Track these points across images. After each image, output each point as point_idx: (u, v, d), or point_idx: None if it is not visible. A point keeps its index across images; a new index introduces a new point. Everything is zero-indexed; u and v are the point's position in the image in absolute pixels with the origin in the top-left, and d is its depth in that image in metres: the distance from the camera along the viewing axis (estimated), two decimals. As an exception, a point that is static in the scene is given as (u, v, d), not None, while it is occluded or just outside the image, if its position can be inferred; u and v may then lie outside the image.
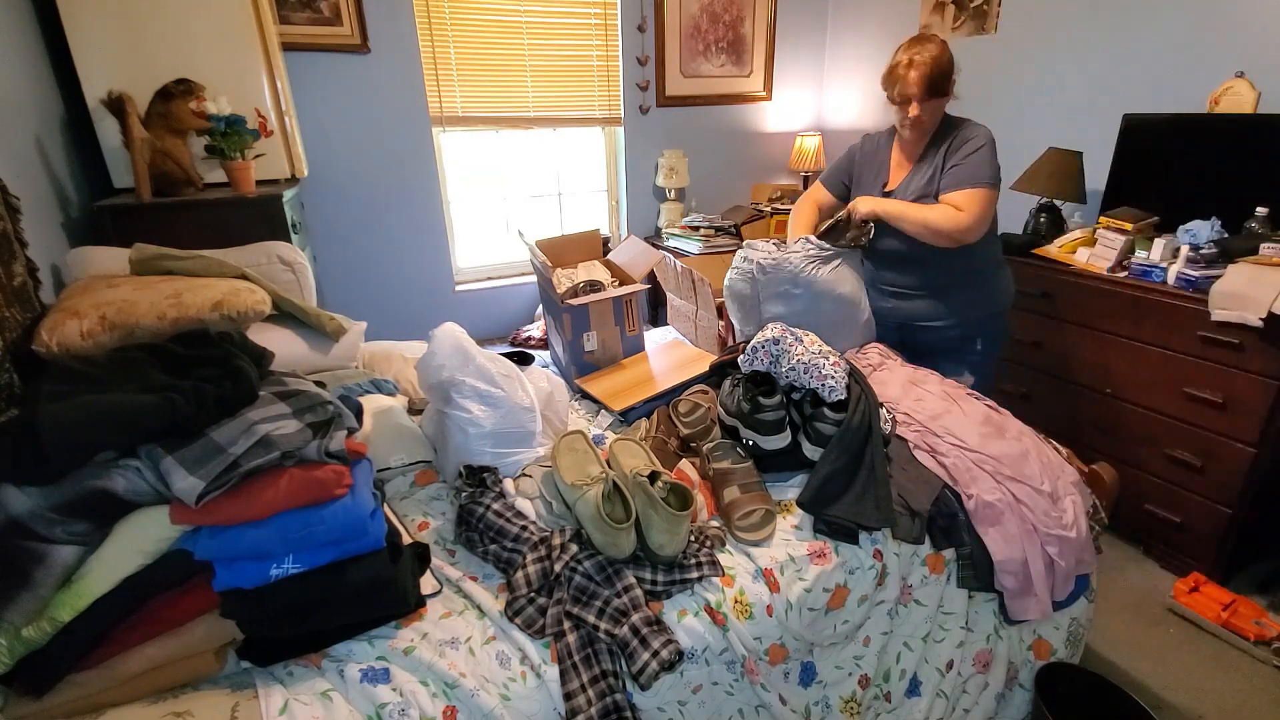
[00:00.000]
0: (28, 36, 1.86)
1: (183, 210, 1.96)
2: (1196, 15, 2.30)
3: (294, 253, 1.89)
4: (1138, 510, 2.18)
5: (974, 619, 1.40)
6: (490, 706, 0.97)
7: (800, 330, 1.48)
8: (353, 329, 1.74)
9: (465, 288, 3.46)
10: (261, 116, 2.15)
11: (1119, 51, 2.53)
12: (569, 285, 1.94)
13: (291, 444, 0.97)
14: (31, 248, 1.44)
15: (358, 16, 2.80)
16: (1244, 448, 1.90)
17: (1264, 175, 2.03)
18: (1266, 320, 1.76)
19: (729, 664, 1.17)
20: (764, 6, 3.66)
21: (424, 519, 1.35)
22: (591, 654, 1.05)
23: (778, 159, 4.01)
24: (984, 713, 1.41)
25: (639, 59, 3.44)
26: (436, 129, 3.15)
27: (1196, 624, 1.92)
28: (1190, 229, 2.01)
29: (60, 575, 0.87)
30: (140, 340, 1.21)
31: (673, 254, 2.60)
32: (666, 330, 2.29)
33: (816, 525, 1.31)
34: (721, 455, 1.40)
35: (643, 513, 1.18)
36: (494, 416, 1.39)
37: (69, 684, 0.90)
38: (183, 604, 0.96)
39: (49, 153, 1.83)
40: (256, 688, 0.95)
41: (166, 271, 1.53)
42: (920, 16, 3.29)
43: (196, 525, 0.94)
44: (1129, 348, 2.13)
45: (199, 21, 2.03)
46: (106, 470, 0.90)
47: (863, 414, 1.36)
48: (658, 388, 1.74)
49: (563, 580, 1.13)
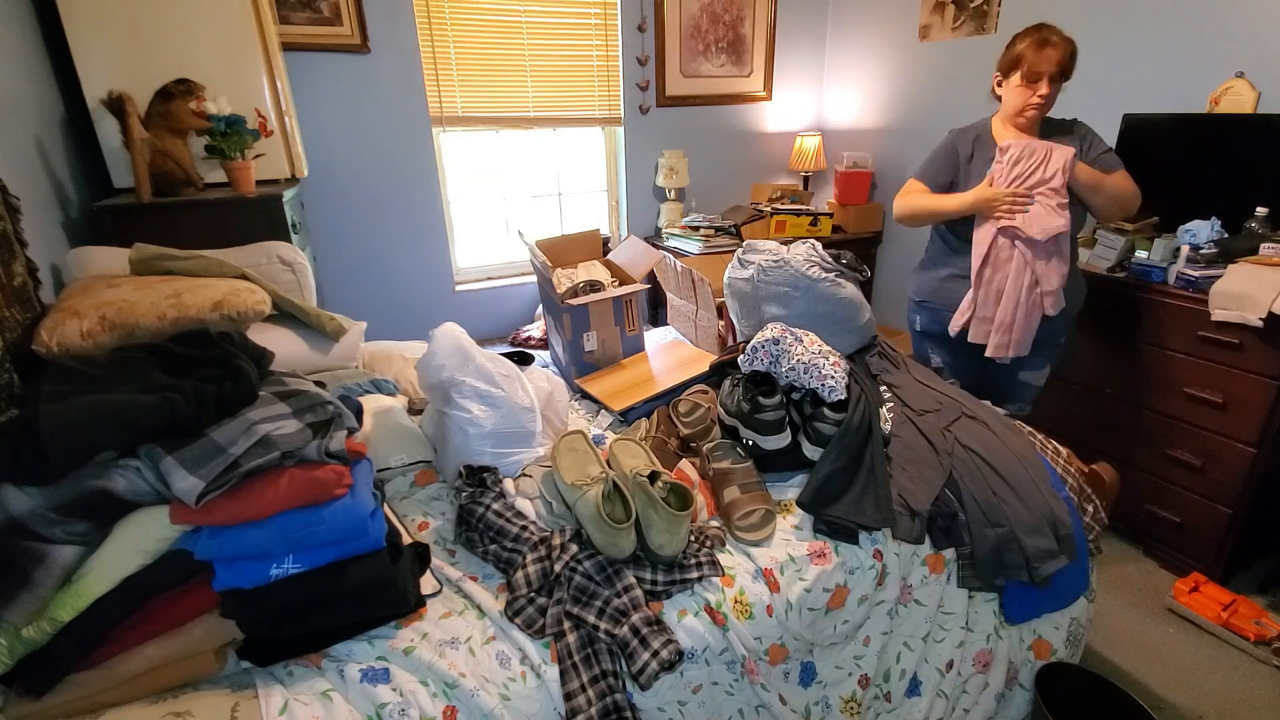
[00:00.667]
0: (28, 36, 1.86)
1: (183, 210, 1.96)
2: (1196, 15, 2.30)
3: (294, 253, 1.89)
4: (1138, 510, 2.18)
5: (974, 619, 1.40)
6: (490, 706, 0.97)
7: (800, 330, 1.48)
8: (353, 329, 1.74)
9: (465, 288, 3.46)
10: (261, 116, 2.15)
11: (1119, 51, 2.52)
12: (569, 285, 1.94)
13: (291, 444, 0.97)
14: (31, 248, 1.44)
15: (358, 16, 2.80)
16: (1244, 448, 1.90)
17: (1264, 175, 2.03)
18: (1266, 320, 1.76)
19: (729, 664, 1.17)
20: (764, 6, 3.65)
21: (424, 519, 1.35)
22: (591, 654, 1.05)
23: (778, 159, 4.01)
24: (984, 713, 1.41)
25: (639, 59, 3.44)
26: (436, 129, 3.15)
27: (1196, 624, 1.92)
28: (1190, 229, 2.01)
29: (60, 575, 0.87)
30: (140, 340, 1.21)
31: (673, 254, 2.60)
32: (666, 330, 2.29)
33: (816, 525, 1.31)
34: (721, 455, 1.40)
35: (643, 513, 1.18)
36: (494, 416, 1.39)
37: (69, 684, 0.89)
38: (183, 604, 0.96)
39: (49, 153, 1.83)
40: (256, 688, 0.95)
41: (166, 271, 1.53)
42: (920, 16, 3.30)
43: (196, 525, 0.94)
44: (1129, 347, 2.13)
45: (199, 21, 2.03)
46: (106, 470, 0.90)
47: (863, 414, 1.36)
48: (658, 388, 1.74)
49: (563, 580, 1.13)
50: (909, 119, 3.50)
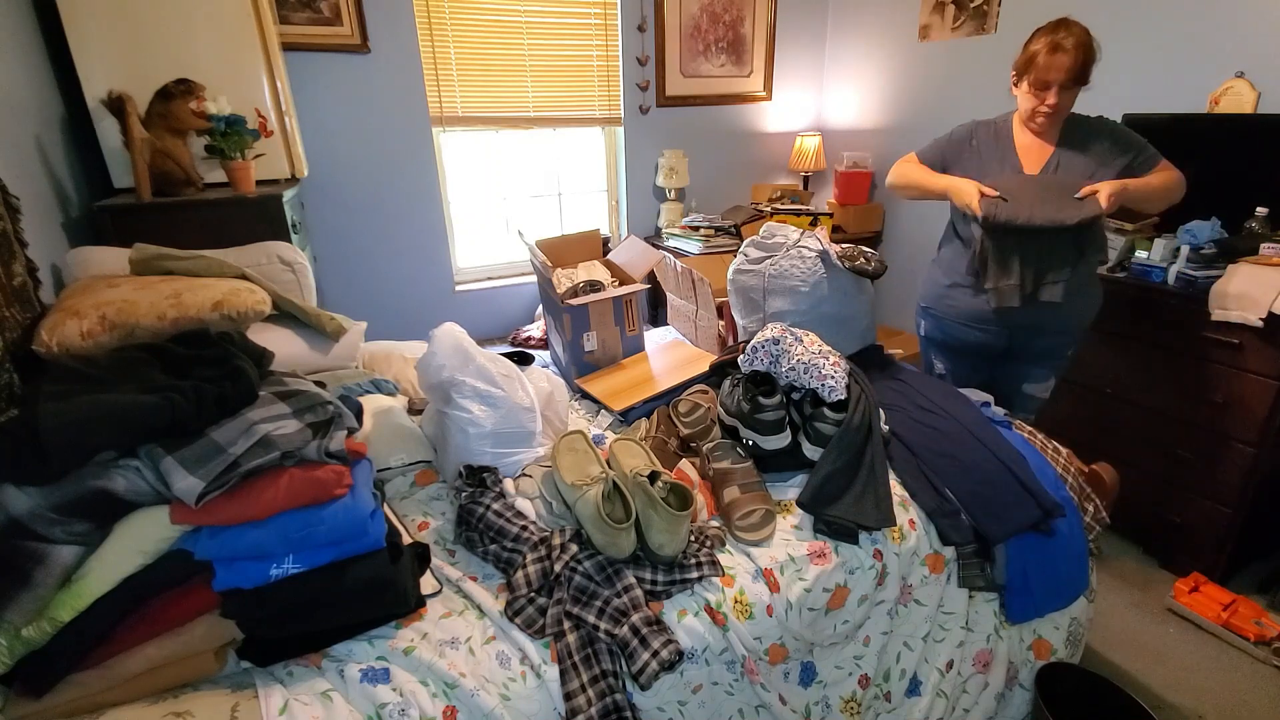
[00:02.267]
0: (28, 36, 1.86)
1: (183, 210, 1.95)
2: (1196, 15, 2.30)
3: (294, 253, 1.89)
4: (1138, 510, 2.18)
5: (974, 619, 1.40)
6: (490, 706, 0.97)
7: (800, 330, 1.48)
8: (353, 329, 1.74)
9: (465, 288, 3.46)
10: (261, 116, 2.15)
11: (1119, 51, 2.52)
12: (569, 285, 1.94)
13: (291, 444, 0.97)
14: (31, 248, 1.44)
15: (358, 16, 2.80)
16: (1244, 448, 1.90)
17: (1264, 175, 2.03)
18: (1266, 320, 1.76)
19: (729, 664, 1.16)
20: (764, 6, 3.65)
21: (424, 519, 1.35)
22: (591, 654, 1.05)
23: (778, 159, 4.01)
24: (984, 712, 1.41)
25: (639, 59, 3.44)
26: (436, 129, 3.15)
27: (1196, 624, 1.92)
28: (1190, 229, 2.01)
29: (60, 575, 0.87)
30: (140, 340, 1.21)
31: (673, 254, 2.60)
32: (666, 330, 2.29)
33: (816, 525, 1.31)
34: (721, 455, 1.40)
35: (643, 513, 1.18)
36: (494, 416, 1.39)
37: (69, 684, 0.89)
38: (183, 604, 0.96)
39: (49, 153, 1.83)
40: (256, 688, 0.95)
41: (166, 271, 1.53)
42: (920, 16, 3.30)
43: (196, 525, 0.94)
44: (1129, 347, 2.13)
45: (199, 21, 2.03)
46: (106, 470, 0.90)
47: (863, 414, 1.36)
48: (658, 388, 1.74)
49: (563, 580, 1.13)
50: (909, 119, 3.50)
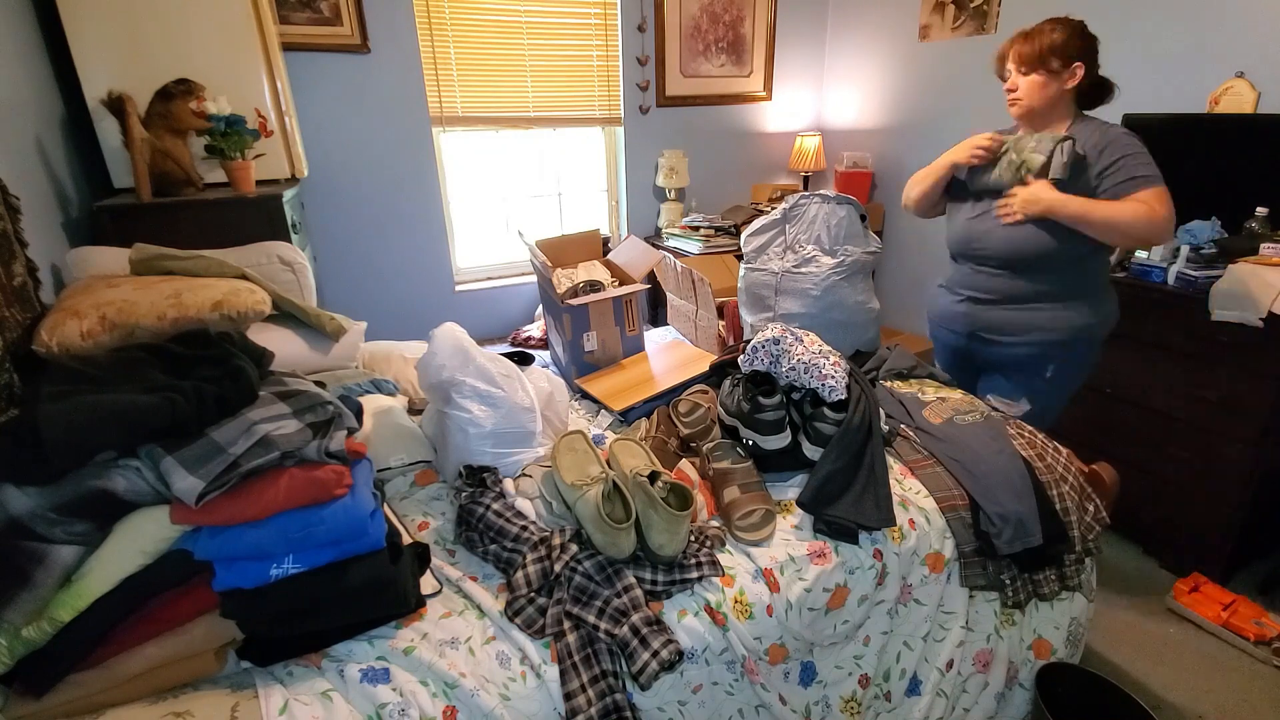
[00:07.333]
0: (28, 36, 1.86)
1: (183, 210, 1.95)
2: (1196, 15, 2.30)
3: (294, 253, 1.89)
4: (1138, 510, 2.18)
5: (974, 618, 1.39)
6: (490, 706, 0.97)
7: (800, 330, 1.48)
8: (353, 329, 1.74)
9: (465, 288, 3.46)
10: (261, 116, 2.15)
11: (1119, 51, 2.51)
12: (569, 285, 1.94)
13: (291, 444, 0.97)
14: (31, 248, 1.44)
15: (358, 16, 2.80)
16: (1244, 448, 1.90)
17: (1264, 175, 2.03)
18: (1266, 320, 1.76)
19: (729, 664, 1.17)
20: (764, 6, 3.66)
21: (424, 519, 1.35)
22: (591, 654, 1.05)
23: (778, 159, 4.01)
24: (984, 712, 1.41)
25: (639, 59, 3.44)
26: (436, 129, 3.15)
27: (1196, 624, 1.92)
28: (1190, 229, 2.01)
29: (60, 575, 0.87)
30: (140, 340, 1.21)
31: (673, 254, 2.59)
32: (666, 330, 2.29)
33: (816, 525, 1.31)
34: (721, 455, 1.40)
35: (643, 513, 1.18)
36: (494, 416, 1.39)
37: (69, 684, 0.89)
38: (183, 604, 0.96)
39: (49, 153, 1.83)
40: (256, 688, 0.95)
41: (166, 271, 1.53)
42: (920, 16, 3.30)
43: (196, 525, 0.94)
44: (1129, 347, 2.13)
45: (199, 21, 2.03)
46: (106, 470, 0.90)
47: (863, 414, 1.36)
48: (658, 388, 1.74)
49: (563, 580, 1.13)
50: (909, 119, 3.50)
